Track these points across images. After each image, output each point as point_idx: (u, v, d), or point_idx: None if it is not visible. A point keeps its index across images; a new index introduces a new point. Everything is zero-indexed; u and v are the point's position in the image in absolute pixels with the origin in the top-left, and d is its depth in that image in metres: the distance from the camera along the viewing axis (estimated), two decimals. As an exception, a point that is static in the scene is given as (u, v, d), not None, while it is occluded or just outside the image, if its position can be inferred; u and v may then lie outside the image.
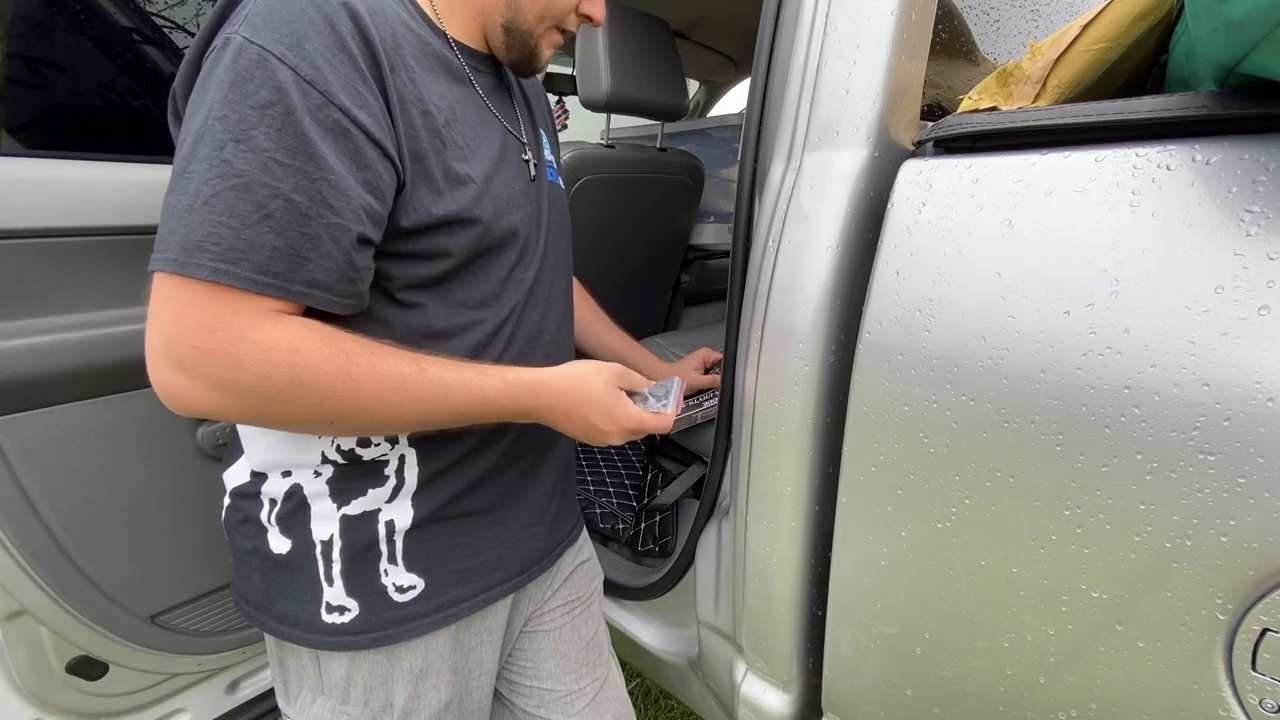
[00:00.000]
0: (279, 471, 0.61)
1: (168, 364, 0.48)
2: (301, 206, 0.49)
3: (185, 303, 0.47)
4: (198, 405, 0.49)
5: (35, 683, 0.82)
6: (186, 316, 0.47)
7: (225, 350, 0.48)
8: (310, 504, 0.61)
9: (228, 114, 0.47)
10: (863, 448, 0.64)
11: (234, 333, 0.48)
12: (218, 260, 0.47)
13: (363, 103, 0.51)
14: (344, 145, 0.50)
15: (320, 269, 0.51)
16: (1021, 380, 0.52)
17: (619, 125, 1.62)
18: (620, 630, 1.14)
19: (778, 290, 0.68)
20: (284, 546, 0.61)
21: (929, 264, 0.57)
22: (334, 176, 0.50)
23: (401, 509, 0.62)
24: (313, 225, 0.49)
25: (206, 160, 0.47)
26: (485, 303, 0.64)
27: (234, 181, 0.46)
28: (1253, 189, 0.44)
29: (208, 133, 0.47)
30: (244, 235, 0.47)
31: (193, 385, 0.48)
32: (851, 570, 0.69)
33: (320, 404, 0.51)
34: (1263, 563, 0.43)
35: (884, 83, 0.63)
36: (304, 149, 0.48)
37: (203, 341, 0.47)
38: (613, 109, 1.40)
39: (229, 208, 0.46)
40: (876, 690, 0.71)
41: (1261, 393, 0.42)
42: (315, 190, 0.49)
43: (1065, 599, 0.53)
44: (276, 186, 0.47)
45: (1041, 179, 0.53)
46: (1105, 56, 0.59)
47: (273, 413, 0.51)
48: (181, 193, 0.47)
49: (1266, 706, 0.46)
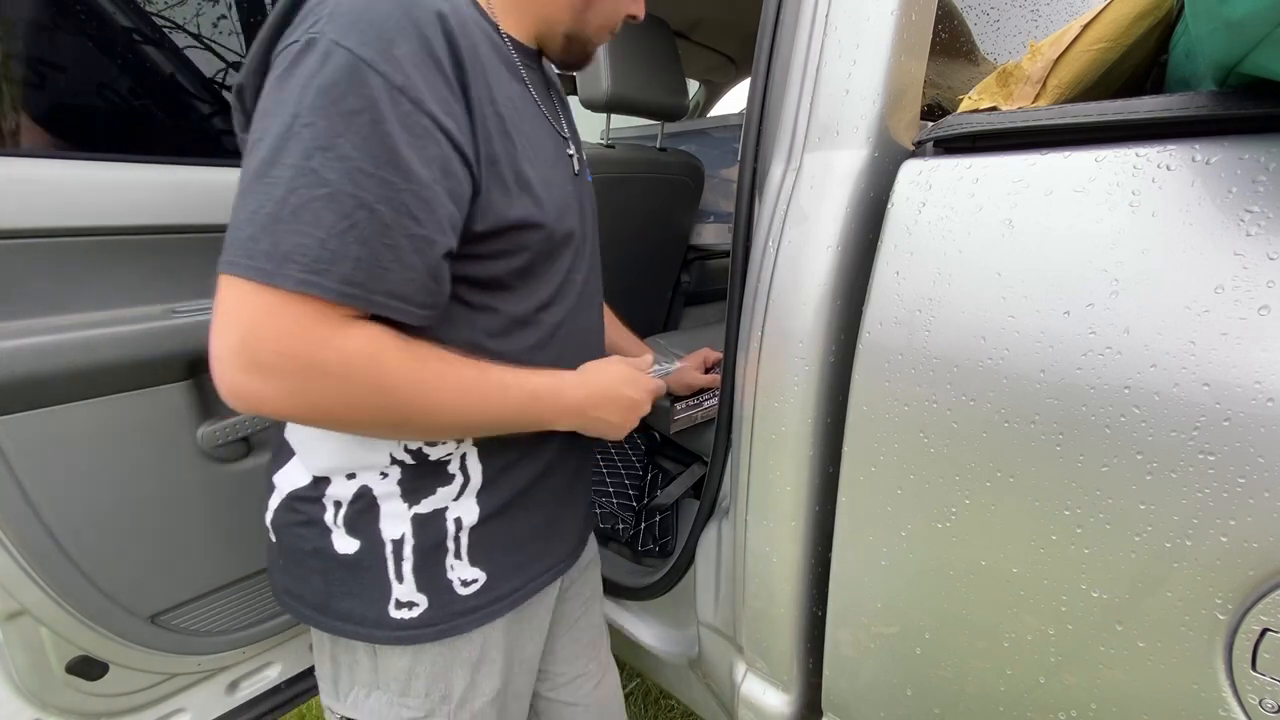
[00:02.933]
0: (343, 475, 0.61)
1: (243, 366, 0.48)
2: (385, 217, 0.48)
3: (268, 308, 0.47)
4: (270, 408, 0.50)
5: (35, 683, 0.82)
6: (269, 322, 0.47)
7: (307, 356, 0.48)
8: (380, 505, 0.61)
9: (315, 120, 0.46)
10: (863, 448, 0.64)
11: (317, 340, 0.48)
12: (305, 271, 0.46)
13: (449, 110, 0.51)
14: (431, 153, 0.50)
15: (401, 280, 0.50)
16: (1021, 380, 0.52)
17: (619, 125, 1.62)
18: (620, 630, 1.14)
19: (778, 290, 0.68)
20: (351, 547, 0.62)
21: (929, 264, 0.57)
22: (418, 187, 0.49)
23: (468, 506, 0.64)
24: (394, 236, 0.49)
25: (293, 168, 0.46)
26: (545, 305, 0.65)
27: (321, 191, 0.46)
28: (1253, 189, 0.44)
29: (294, 138, 0.46)
30: (330, 246, 0.47)
31: (268, 388, 0.48)
32: (851, 570, 0.69)
33: (392, 409, 0.53)
34: (1263, 563, 0.43)
35: (884, 83, 0.63)
36: (390, 159, 0.48)
37: (286, 347, 0.47)
38: (613, 109, 1.40)
39: (316, 218, 0.46)
40: (876, 690, 0.71)
41: (1261, 393, 0.42)
42: (399, 200, 0.49)
43: (1065, 599, 0.53)
44: (361, 196, 0.47)
45: (1041, 179, 0.53)
46: (1105, 56, 0.59)
47: (344, 417, 0.52)
48: (264, 198, 0.46)
49: (1266, 706, 0.46)
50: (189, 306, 0.85)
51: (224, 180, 0.87)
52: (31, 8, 0.76)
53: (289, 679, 1.10)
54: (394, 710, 0.67)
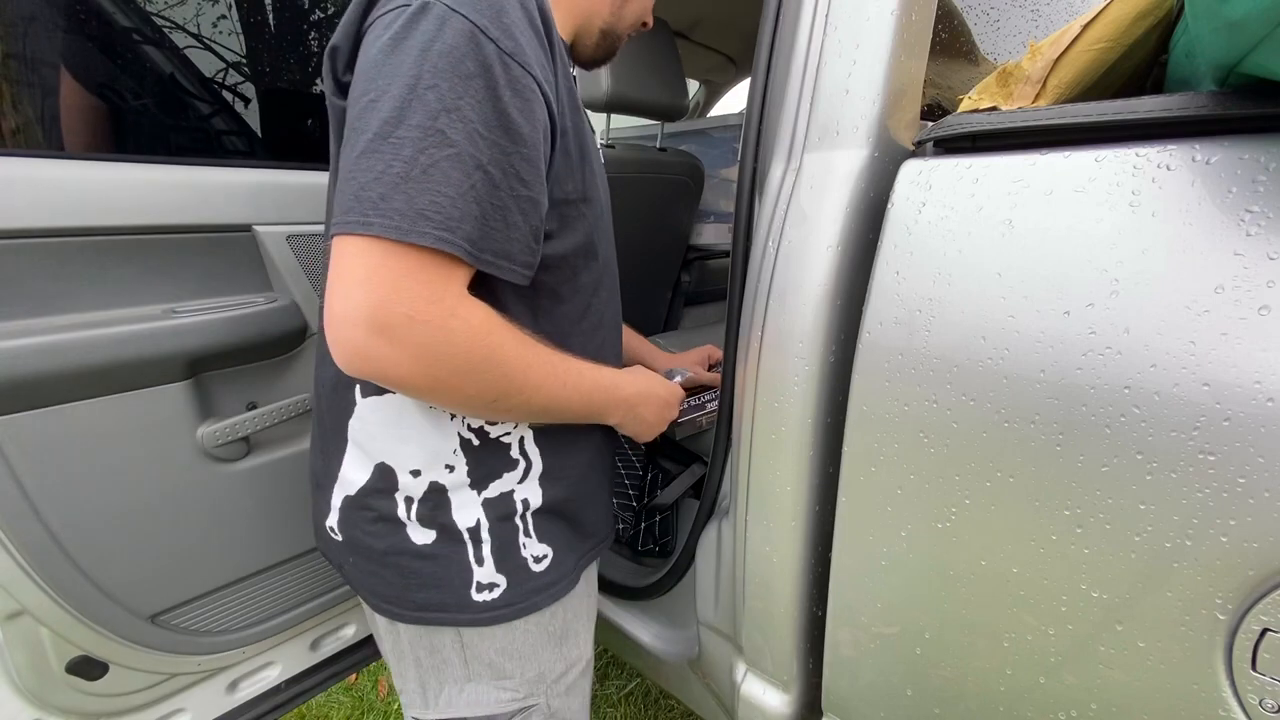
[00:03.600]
0: (407, 470, 0.62)
1: (371, 328, 0.48)
2: (495, 178, 0.50)
3: (403, 270, 0.48)
4: (390, 372, 0.50)
5: (35, 683, 0.82)
6: (404, 284, 0.48)
7: (439, 323, 0.49)
8: (451, 496, 0.63)
9: (438, 83, 0.47)
10: (863, 448, 0.64)
11: (448, 306, 0.50)
12: (440, 229, 0.48)
13: (548, 76, 0.54)
14: (537, 117, 0.52)
15: (507, 239, 0.53)
16: (1021, 380, 0.52)
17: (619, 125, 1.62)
18: (620, 630, 1.14)
19: (778, 290, 0.68)
20: (427, 538, 0.63)
21: (929, 264, 0.57)
22: (526, 149, 0.52)
23: (532, 489, 0.66)
24: (502, 196, 0.51)
25: (420, 128, 0.47)
26: (594, 288, 0.68)
27: (449, 152, 0.48)
28: (1253, 189, 0.44)
29: (418, 100, 0.47)
30: (459, 205, 0.48)
31: (393, 352, 0.49)
32: (851, 570, 0.69)
33: (499, 382, 0.55)
34: (1263, 563, 0.43)
35: (884, 83, 0.63)
36: (502, 122, 0.50)
37: (419, 311, 0.48)
38: (613, 109, 1.40)
39: (446, 177, 0.48)
40: (876, 690, 0.71)
41: (1261, 393, 0.42)
42: (508, 163, 0.51)
43: (1065, 599, 0.53)
44: (479, 158, 0.49)
45: (1041, 179, 0.53)
46: (1105, 56, 0.59)
47: (455, 387, 0.53)
48: (392, 158, 0.47)
49: (1266, 706, 0.46)
50: (189, 306, 0.85)
51: (223, 180, 0.87)
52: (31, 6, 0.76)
53: (289, 679, 1.09)
54: (493, 694, 0.68)
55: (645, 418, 0.74)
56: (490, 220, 0.51)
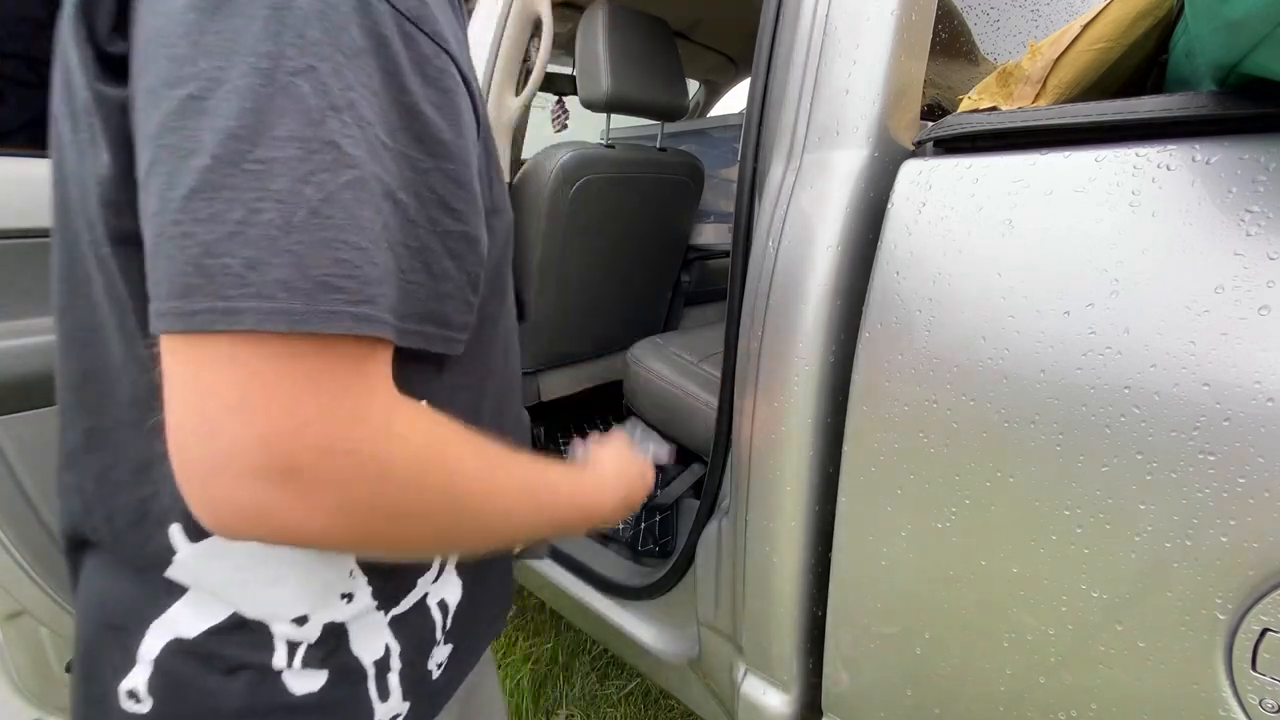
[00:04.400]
0: (287, 620, 0.44)
1: (265, 476, 0.30)
2: (409, 210, 0.34)
3: (304, 377, 0.30)
4: (296, 531, 0.32)
5: (35, 683, 0.82)
6: (308, 399, 0.30)
7: (370, 450, 0.32)
8: (352, 629, 0.46)
9: (314, 64, 0.29)
10: (863, 448, 0.64)
11: (378, 423, 0.33)
12: (357, 302, 0.31)
13: (462, 44, 0.38)
14: (461, 118, 0.36)
15: (436, 295, 0.37)
16: (1021, 380, 0.52)
17: (619, 125, 1.62)
18: (620, 630, 1.14)
19: (778, 290, 0.68)
20: (313, 684, 0.45)
21: (929, 264, 0.57)
22: (450, 165, 0.36)
23: (450, 583, 0.52)
24: (421, 235, 0.35)
25: (298, 142, 0.29)
26: (505, 349, 0.53)
27: (348, 175, 0.30)
28: (1253, 189, 0.44)
29: (283, 94, 0.29)
30: (375, 258, 0.32)
31: (302, 504, 0.31)
32: (851, 570, 0.69)
33: (456, 519, 0.38)
34: (1263, 563, 0.43)
35: (884, 83, 0.63)
36: (409, 124, 0.34)
37: (339, 438, 0.31)
38: (613, 109, 1.40)
39: (351, 218, 0.30)
40: (876, 690, 0.71)
41: (1261, 393, 0.42)
42: (427, 185, 0.35)
43: (1065, 599, 0.53)
44: (385, 181, 0.32)
45: (1041, 179, 0.53)
46: (1105, 56, 0.59)
47: (395, 536, 0.36)
48: (256, 197, 0.28)
49: (1266, 706, 0.46)
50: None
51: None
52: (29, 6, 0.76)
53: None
54: None
55: (614, 520, 0.58)
56: (411, 273, 0.34)
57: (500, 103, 1.28)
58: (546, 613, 1.71)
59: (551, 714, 1.43)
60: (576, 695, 1.47)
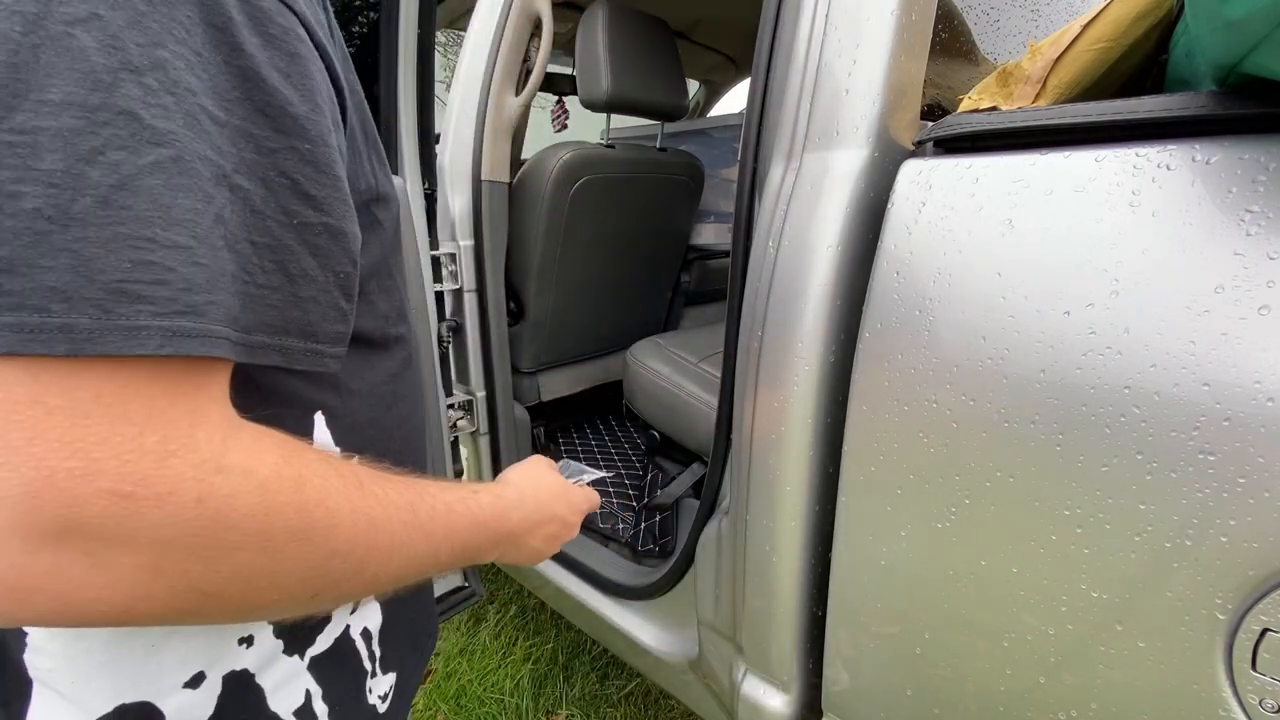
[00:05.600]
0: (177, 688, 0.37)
1: (37, 535, 0.23)
2: (254, 198, 0.28)
3: (93, 402, 0.24)
4: (88, 604, 0.25)
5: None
6: (103, 430, 0.24)
7: (193, 491, 0.25)
8: (262, 680, 0.40)
9: (104, 14, 0.23)
10: (863, 448, 0.64)
11: (205, 454, 0.26)
12: (172, 313, 0.25)
13: (314, 9, 0.33)
14: (315, 85, 0.31)
15: (295, 301, 0.31)
16: (1021, 380, 0.52)
17: (619, 125, 1.62)
18: (620, 630, 1.14)
19: (778, 290, 0.68)
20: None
21: (929, 264, 0.57)
22: (305, 144, 0.30)
23: (370, 608, 0.47)
24: (272, 228, 0.29)
25: (75, 108, 0.23)
26: (404, 361, 0.47)
27: (155, 155, 0.24)
28: (1253, 189, 0.44)
29: (53, 46, 0.23)
30: (200, 258, 0.26)
31: (94, 570, 0.24)
32: (851, 570, 0.69)
33: (325, 566, 0.31)
34: (1263, 563, 0.43)
35: (884, 83, 0.63)
36: (249, 93, 0.28)
37: (147, 478, 0.24)
38: (613, 109, 1.40)
39: (160, 209, 0.24)
40: (876, 690, 0.71)
41: (1261, 393, 0.42)
42: (275, 167, 0.29)
43: (1065, 599, 0.53)
44: (218, 162, 0.27)
45: (1041, 179, 0.53)
46: (1105, 56, 0.59)
47: (241, 598, 0.28)
48: (15, 181, 0.22)
49: (1266, 706, 0.46)
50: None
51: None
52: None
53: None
54: None
55: (535, 546, 0.52)
56: (259, 275, 0.29)
57: (500, 103, 1.28)
58: (546, 613, 1.71)
59: (551, 714, 1.43)
60: (576, 695, 1.47)
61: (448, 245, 1.26)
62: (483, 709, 1.42)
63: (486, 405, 1.37)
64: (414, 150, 1.14)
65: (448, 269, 1.26)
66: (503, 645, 1.60)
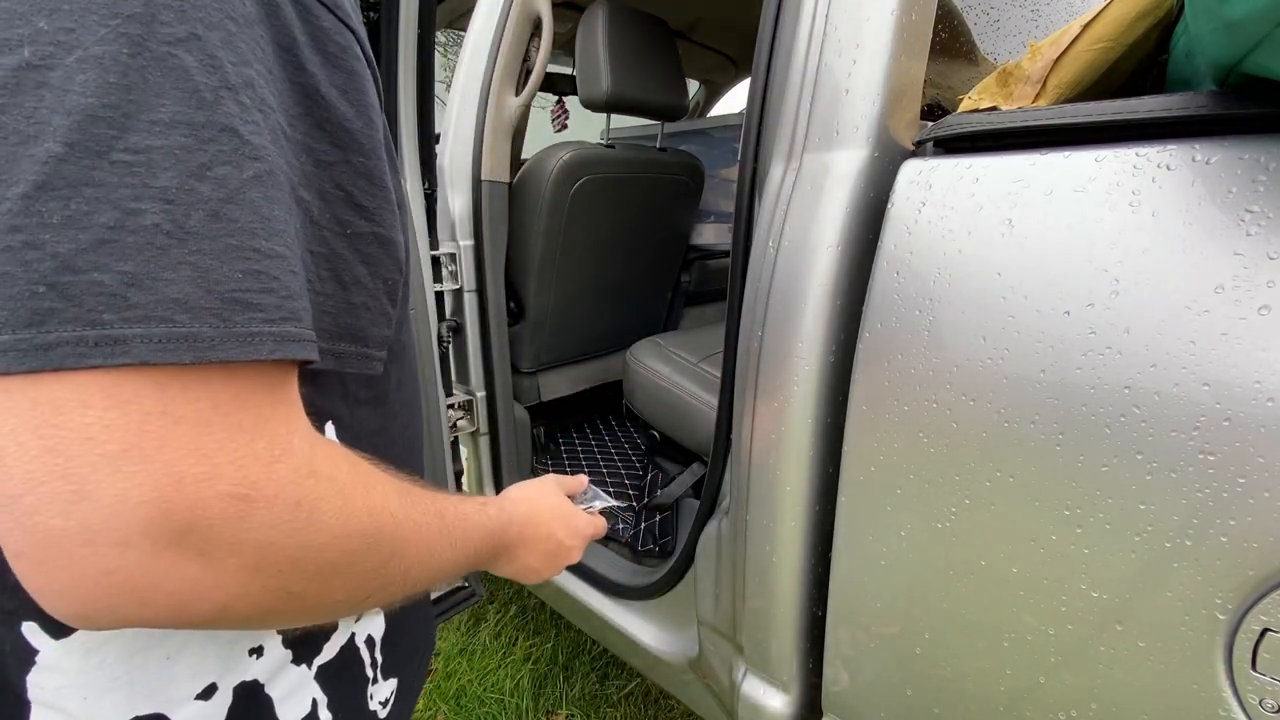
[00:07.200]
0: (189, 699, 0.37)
1: (160, 538, 0.24)
2: (313, 211, 0.30)
3: (213, 411, 0.25)
4: (191, 603, 0.26)
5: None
6: (222, 438, 0.25)
7: (293, 495, 0.27)
8: (271, 690, 0.40)
9: (203, 34, 0.24)
10: (863, 448, 0.64)
11: (300, 460, 0.28)
12: (279, 320, 0.26)
13: (359, 23, 0.33)
14: (366, 99, 0.32)
15: (349, 309, 0.33)
16: (1021, 380, 0.52)
17: (619, 125, 1.62)
18: (620, 630, 1.14)
19: (778, 290, 0.68)
20: None
21: (929, 264, 0.57)
22: (359, 157, 0.32)
23: (373, 616, 0.48)
24: (329, 240, 0.31)
25: (184, 127, 0.24)
26: (402, 374, 0.47)
27: (254, 169, 0.25)
28: (1253, 189, 0.44)
29: (159, 66, 0.23)
30: (294, 267, 0.27)
31: (205, 570, 0.26)
32: (851, 570, 0.69)
33: (384, 568, 0.33)
34: (1263, 563, 0.43)
35: (884, 83, 0.63)
36: (310, 110, 0.29)
37: (258, 482, 0.26)
38: (613, 109, 1.40)
39: (262, 220, 0.26)
40: (876, 690, 0.71)
41: (1261, 393, 0.42)
42: (333, 181, 0.31)
43: (1065, 599, 0.53)
44: (291, 176, 0.29)
45: (1041, 179, 0.53)
46: (1105, 56, 0.59)
47: (313, 598, 0.30)
48: (132, 197, 0.23)
49: (1266, 706, 0.46)
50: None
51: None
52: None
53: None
54: None
55: (530, 565, 0.53)
56: (319, 283, 0.31)
57: (500, 103, 1.28)
58: (546, 613, 1.71)
59: (551, 714, 1.43)
60: (576, 695, 1.47)
61: (448, 245, 1.26)
62: (483, 709, 1.42)
63: (486, 405, 1.37)
64: (414, 150, 1.15)
65: (448, 269, 1.26)
66: (503, 645, 1.60)
